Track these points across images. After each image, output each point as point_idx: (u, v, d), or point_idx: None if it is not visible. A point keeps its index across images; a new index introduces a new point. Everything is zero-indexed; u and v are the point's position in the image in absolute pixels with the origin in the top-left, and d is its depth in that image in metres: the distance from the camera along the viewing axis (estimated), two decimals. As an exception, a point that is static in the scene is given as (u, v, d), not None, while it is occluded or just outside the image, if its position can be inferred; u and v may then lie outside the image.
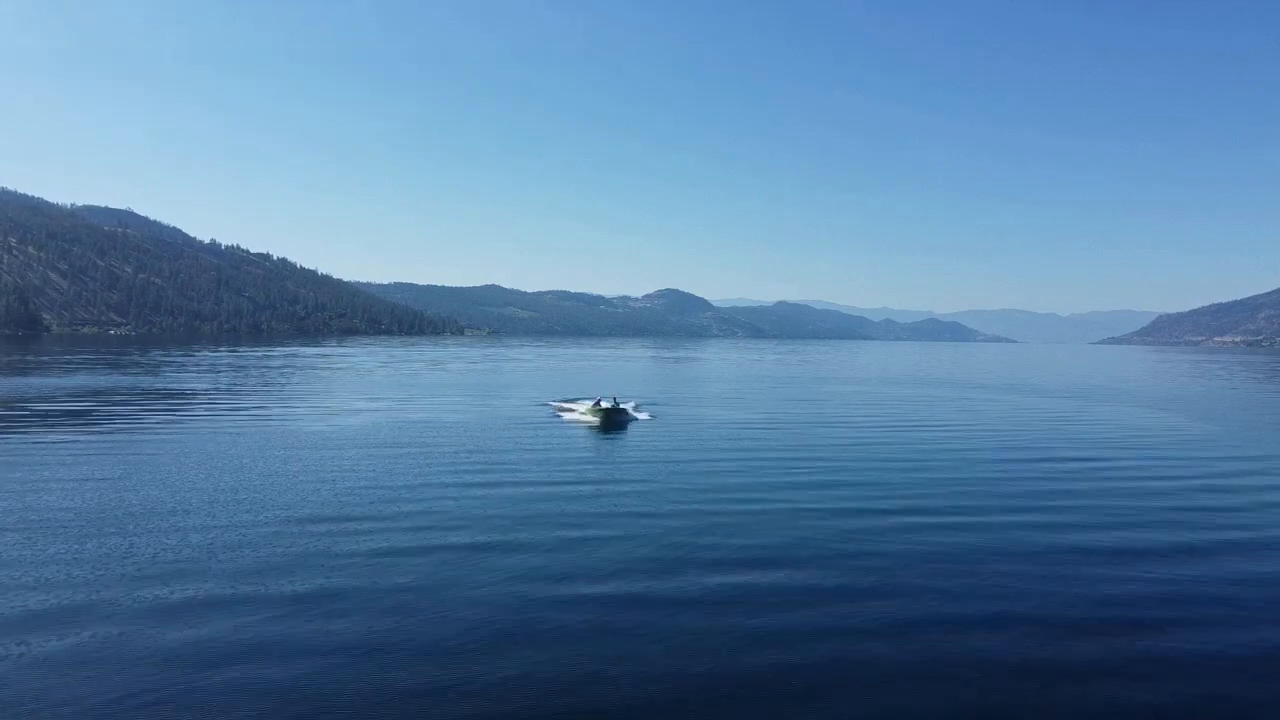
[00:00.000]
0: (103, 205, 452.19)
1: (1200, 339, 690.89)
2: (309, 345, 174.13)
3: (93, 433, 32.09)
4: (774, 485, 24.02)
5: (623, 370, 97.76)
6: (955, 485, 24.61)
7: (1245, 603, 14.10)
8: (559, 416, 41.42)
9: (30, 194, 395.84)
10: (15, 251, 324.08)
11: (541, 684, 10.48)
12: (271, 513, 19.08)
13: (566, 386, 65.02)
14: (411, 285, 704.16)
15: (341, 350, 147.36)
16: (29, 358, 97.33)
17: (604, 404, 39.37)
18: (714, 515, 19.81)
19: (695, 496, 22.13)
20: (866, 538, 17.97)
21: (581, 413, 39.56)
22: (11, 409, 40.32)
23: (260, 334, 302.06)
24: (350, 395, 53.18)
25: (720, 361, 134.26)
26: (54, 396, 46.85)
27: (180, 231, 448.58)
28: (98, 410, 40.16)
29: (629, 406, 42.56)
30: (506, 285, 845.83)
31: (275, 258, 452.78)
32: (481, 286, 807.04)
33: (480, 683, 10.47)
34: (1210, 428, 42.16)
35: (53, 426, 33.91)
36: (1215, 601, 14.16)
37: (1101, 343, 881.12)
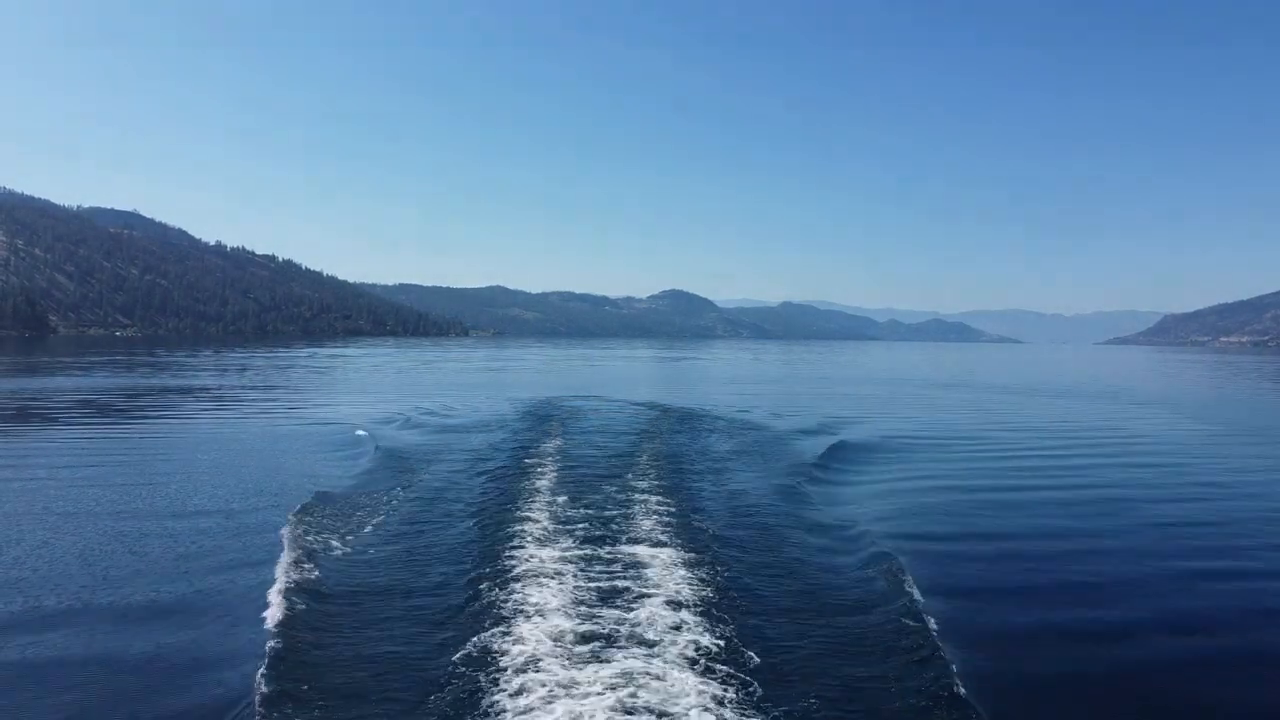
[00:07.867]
0: (109, 207, 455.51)
1: (1206, 339, 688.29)
2: (315, 346, 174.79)
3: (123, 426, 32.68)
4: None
5: (626, 371, 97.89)
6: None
7: None
8: None
9: (36, 195, 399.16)
10: (22, 253, 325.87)
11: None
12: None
13: (555, 385, 64.84)
14: (416, 286, 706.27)
15: (349, 352, 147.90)
16: (79, 358, 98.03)
17: None
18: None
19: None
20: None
21: None
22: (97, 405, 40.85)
23: (266, 335, 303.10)
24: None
25: (724, 364, 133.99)
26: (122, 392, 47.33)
27: (186, 233, 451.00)
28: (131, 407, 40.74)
29: None
30: (511, 286, 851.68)
31: (280, 259, 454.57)
32: (486, 288, 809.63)
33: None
34: None
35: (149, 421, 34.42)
36: None
37: (1107, 343, 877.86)
